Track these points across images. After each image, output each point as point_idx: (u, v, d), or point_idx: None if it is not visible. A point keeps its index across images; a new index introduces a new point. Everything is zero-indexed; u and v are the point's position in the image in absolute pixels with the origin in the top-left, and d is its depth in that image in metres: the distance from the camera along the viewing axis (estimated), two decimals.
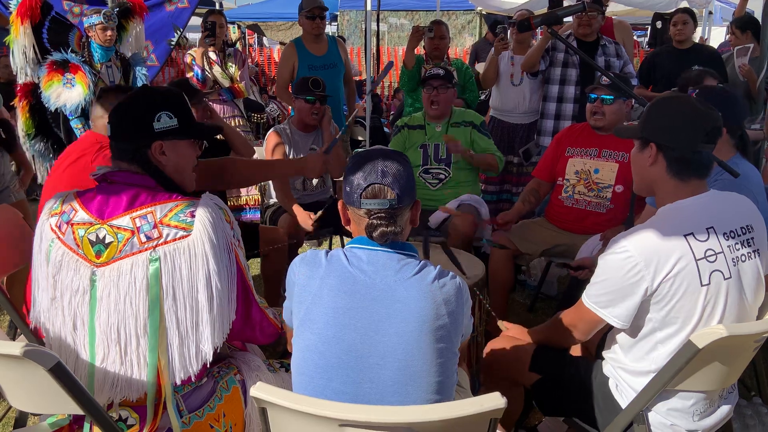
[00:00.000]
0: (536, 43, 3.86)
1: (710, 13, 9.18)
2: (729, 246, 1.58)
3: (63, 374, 1.35)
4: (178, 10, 4.48)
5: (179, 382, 1.54)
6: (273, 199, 3.69)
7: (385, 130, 7.26)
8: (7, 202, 3.05)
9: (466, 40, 13.28)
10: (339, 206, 1.51)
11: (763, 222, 1.69)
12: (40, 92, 3.44)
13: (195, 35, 9.28)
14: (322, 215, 3.12)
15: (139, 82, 3.87)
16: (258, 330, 1.67)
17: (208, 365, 1.59)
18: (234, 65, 4.43)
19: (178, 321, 1.50)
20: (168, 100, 1.63)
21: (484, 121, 3.56)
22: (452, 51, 9.32)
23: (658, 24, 7.08)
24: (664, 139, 1.63)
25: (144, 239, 1.49)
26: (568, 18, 3.63)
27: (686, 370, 1.52)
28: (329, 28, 13.27)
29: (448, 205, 3.21)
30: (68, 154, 2.29)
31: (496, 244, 2.94)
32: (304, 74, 3.95)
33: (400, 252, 1.41)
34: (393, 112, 7.91)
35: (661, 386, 1.56)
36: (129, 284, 1.48)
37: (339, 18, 14.27)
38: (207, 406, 1.60)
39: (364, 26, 6.50)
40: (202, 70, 4.26)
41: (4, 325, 3.10)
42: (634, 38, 7.41)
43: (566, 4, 4.02)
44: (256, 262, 3.27)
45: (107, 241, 1.50)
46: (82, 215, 1.53)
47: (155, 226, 1.49)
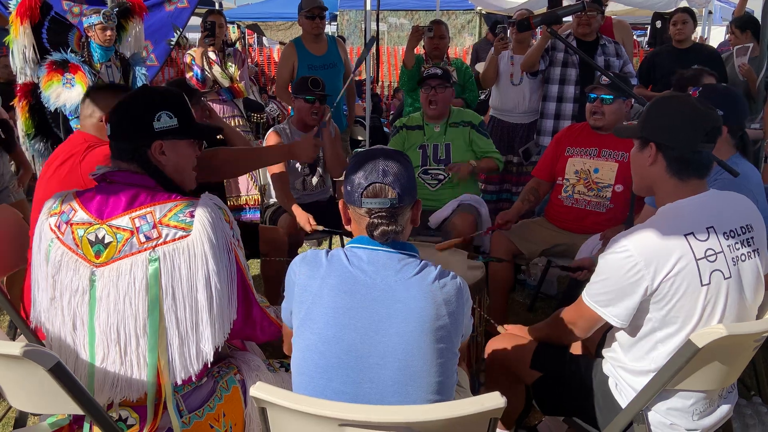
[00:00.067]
0: (536, 42, 3.86)
1: (710, 12, 9.19)
2: (729, 245, 1.58)
3: (63, 374, 1.35)
4: (178, 10, 4.48)
5: (180, 382, 1.54)
6: (273, 199, 3.68)
7: (385, 130, 7.27)
8: (6, 202, 3.05)
9: (465, 40, 13.30)
10: (340, 206, 1.51)
11: (763, 221, 1.69)
12: (40, 92, 3.44)
13: (194, 35, 9.27)
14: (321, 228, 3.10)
15: (138, 82, 3.87)
16: (258, 329, 1.67)
17: (209, 365, 1.59)
18: (233, 65, 4.43)
19: (177, 321, 1.50)
20: (168, 100, 1.63)
21: (482, 120, 3.56)
22: (452, 51, 9.34)
23: (658, 23, 7.09)
24: (664, 139, 1.63)
25: (143, 239, 1.49)
26: (568, 18, 3.63)
27: (686, 370, 1.52)
28: (329, 28, 13.28)
29: (447, 205, 3.21)
30: (57, 155, 2.22)
31: (493, 258, 2.94)
32: (303, 74, 3.94)
33: (400, 252, 1.41)
34: (393, 111, 7.91)
35: (661, 386, 1.56)
36: (128, 284, 1.48)
37: (338, 18, 14.28)
38: (207, 406, 1.60)
39: (363, 26, 6.49)
40: (202, 70, 4.26)
41: (4, 325, 3.09)
42: (634, 38, 7.40)
43: (566, 3, 4.01)
44: (256, 262, 3.27)
45: (106, 241, 1.50)
46: (81, 215, 1.53)
47: (154, 226, 1.49)
